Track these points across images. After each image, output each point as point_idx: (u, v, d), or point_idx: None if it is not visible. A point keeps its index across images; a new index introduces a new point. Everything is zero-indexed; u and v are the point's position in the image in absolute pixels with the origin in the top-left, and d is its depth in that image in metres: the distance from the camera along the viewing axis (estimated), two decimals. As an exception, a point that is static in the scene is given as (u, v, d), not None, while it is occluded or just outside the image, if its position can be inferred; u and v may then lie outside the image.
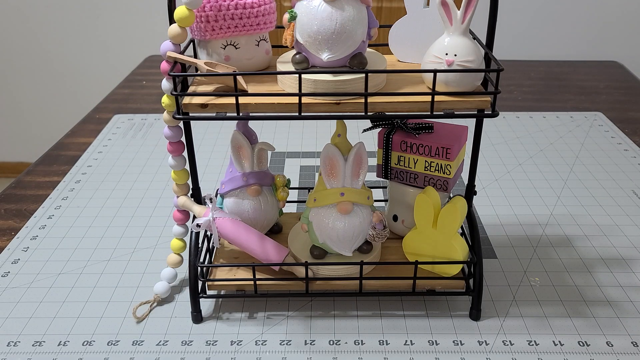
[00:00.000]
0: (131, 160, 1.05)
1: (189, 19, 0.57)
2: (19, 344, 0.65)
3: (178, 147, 0.66)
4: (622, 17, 1.85)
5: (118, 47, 2.10)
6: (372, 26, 0.59)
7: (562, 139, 1.11)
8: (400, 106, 0.58)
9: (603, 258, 0.78)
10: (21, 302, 0.71)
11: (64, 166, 1.03)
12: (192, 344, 0.65)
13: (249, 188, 0.68)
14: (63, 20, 2.07)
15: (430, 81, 0.57)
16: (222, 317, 0.69)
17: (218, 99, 0.59)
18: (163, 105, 0.62)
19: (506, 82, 1.37)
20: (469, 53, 0.56)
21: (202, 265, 0.67)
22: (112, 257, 0.79)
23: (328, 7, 0.55)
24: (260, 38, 0.64)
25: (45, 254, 0.80)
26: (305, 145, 1.10)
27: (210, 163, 1.04)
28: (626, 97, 1.32)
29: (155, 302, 0.71)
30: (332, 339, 0.65)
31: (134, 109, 1.27)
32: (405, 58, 0.68)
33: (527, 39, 1.88)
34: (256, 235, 0.66)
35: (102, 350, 0.64)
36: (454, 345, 0.64)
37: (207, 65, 0.59)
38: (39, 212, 0.90)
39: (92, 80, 2.16)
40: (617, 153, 1.06)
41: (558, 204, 0.91)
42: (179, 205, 0.68)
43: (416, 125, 0.68)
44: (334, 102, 0.58)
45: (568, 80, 1.42)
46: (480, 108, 0.60)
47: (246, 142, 0.68)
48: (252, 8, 0.61)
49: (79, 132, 1.17)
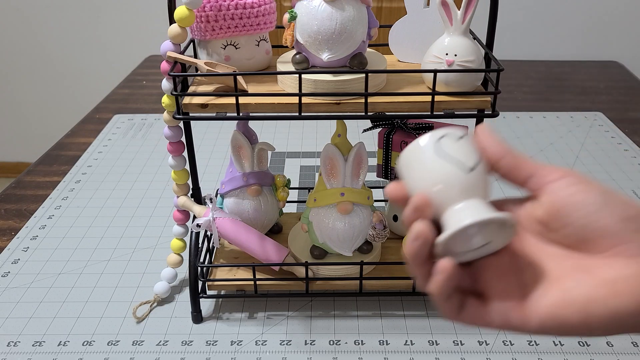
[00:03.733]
0: (131, 160, 1.05)
1: (189, 18, 0.57)
2: (19, 344, 0.65)
3: (178, 147, 0.66)
4: (622, 17, 1.85)
5: (118, 47, 2.10)
6: (372, 26, 0.59)
7: (562, 139, 1.11)
8: (400, 106, 0.58)
9: (603, 258, 0.78)
10: (21, 302, 0.71)
11: (64, 166, 1.03)
12: (192, 344, 0.65)
13: (249, 188, 0.68)
14: (63, 20, 2.07)
15: (430, 81, 0.57)
16: (222, 317, 0.69)
17: (218, 99, 0.59)
18: (163, 105, 0.62)
19: (506, 82, 1.37)
20: (469, 53, 0.56)
21: (202, 265, 0.67)
22: (112, 257, 0.79)
23: (328, 7, 0.55)
24: (261, 38, 0.64)
25: (46, 254, 0.80)
26: (305, 145, 1.10)
27: (210, 163, 1.04)
28: (626, 97, 1.32)
29: (155, 302, 0.71)
30: (332, 339, 0.65)
31: (134, 109, 1.27)
32: (406, 58, 0.68)
33: (527, 39, 1.88)
34: (256, 235, 0.66)
35: (102, 350, 0.64)
36: (454, 346, 0.64)
37: (207, 65, 0.59)
38: (39, 212, 0.90)
39: (92, 80, 2.16)
40: (617, 153, 1.06)
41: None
42: (179, 205, 0.68)
43: (416, 125, 0.68)
44: (334, 102, 0.58)
45: (568, 80, 1.42)
46: (480, 108, 0.60)
47: (246, 142, 0.68)
48: (252, 8, 0.61)
49: (79, 132, 1.17)
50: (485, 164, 0.37)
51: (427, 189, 0.36)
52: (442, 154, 0.36)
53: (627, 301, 0.32)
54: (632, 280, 0.33)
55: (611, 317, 0.32)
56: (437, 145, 0.36)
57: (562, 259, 0.35)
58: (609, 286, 0.33)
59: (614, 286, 0.33)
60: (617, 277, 0.33)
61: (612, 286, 0.33)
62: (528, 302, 0.34)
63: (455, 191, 0.35)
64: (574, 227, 0.35)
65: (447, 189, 0.35)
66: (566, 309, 0.33)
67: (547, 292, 0.34)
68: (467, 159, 0.36)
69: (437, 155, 0.36)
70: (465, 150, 0.36)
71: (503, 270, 0.36)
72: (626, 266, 0.33)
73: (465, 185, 0.35)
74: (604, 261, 0.34)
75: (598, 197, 0.34)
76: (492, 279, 0.36)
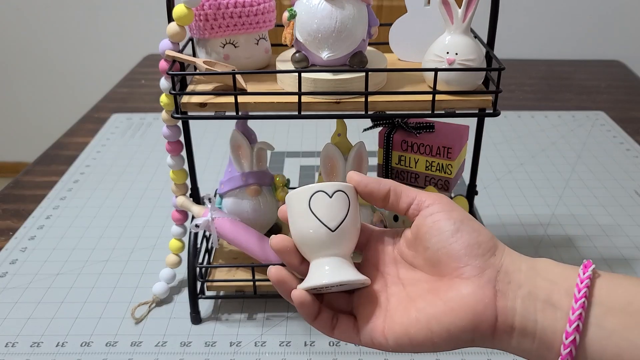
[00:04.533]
0: (130, 160, 1.05)
1: (188, 17, 0.56)
2: (17, 344, 0.65)
3: (177, 147, 0.65)
4: (624, 16, 1.85)
5: (116, 46, 2.09)
6: (372, 24, 0.59)
7: (564, 139, 1.11)
8: (401, 105, 0.58)
9: (605, 258, 0.78)
10: (19, 302, 0.71)
11: (62, 166, 1.03)
12: (191, 345, 0.65)
13: (248, 188, 0.68)
14: (61, 19, 2.07)
15: (431, 80, 0.57)
16: (221, 318, 0.68)
17: (217, 98, 0.58)
18: (162, 104, 0.61)
19: (507, 81, 1.36)
20: (470, 52, 0.56)
21: (201, 265, 0.67)
22: (110, 257, 0.79)
23: (328, 5, 0.55)
24: (260, 37, 0.63)
25: (44, 255, 0.79)
26: (305, 145, 1.10)
27: (209, 163, 1.03)
28: (628, 96, 1.31)
29: (154, 302, 0.70)
30: (332, 340, 0.65)
31: (133, 108, 1.26)
32: (406, 57, 0.67)
33: (529, 38, 1.88)
34: (255, 236, 0.66)
35: (100, 351, 0.64)
36: (455, 347, 0.64)
37: (206, 64, 0.59)
38: (37, 212, 0.89)
39: (91, 79, 2.15)
40: (619, 152, 1.06)
41: (560, 204, 0.90)
42: (177, 205, 0.68)
43: (417, 124, 0.68)
44: (334, 101, 0.57)
45: (570, 80, 1.41)
46: (481, 107, 0.59)
47: (245, 142, 0.68)
48: (251, 6, 0.61)
49: (77, 131, 1.16)
50: (353, 216, 0.40)
51: (298, 237, 0.41)
52: (312, 210, 0.40)
53: (459, 318, 0.36)
54: (466, 299, 0.36)
55: (447, 333, 0.37)
56: (310, 202, 0.40)
57: (422, 282, 0.40)
58: (446, 305, 0.37)
59: (449, 305, 0.37)
60: (453, 297, 0.37)
61: (448, 305, 0.37)
62: (388, 324, 0.39)
63: (317, 246, 0.40)
64: (432, 250, 0.39)
65: (313, 242, 0.40)
66: (414, 327, 0.38)
67: (406, 314, 0.38)
68: (332, 219, 0.40)
69: (308, 210, 0.40)
70: (334, 209, 0.40)
71: (371, 298, 0.41)
72: (464, 286, 0.37)
73: (327, 243, 0.40)
74: (450, 282, 0.38)
75: (453, 225, 0.39)
76: (361, 305, 0.41)
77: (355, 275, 0.40)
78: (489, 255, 0.38)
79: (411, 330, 0.38)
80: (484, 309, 0.36)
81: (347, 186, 0.41)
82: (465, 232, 0.38)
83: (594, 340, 0.34)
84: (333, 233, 0.40)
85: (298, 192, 0.41)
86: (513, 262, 0.38)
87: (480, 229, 0.39)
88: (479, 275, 0.37)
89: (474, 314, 0.36)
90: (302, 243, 0.41)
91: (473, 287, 0.37)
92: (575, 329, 0.34)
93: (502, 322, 0.37)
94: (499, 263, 0.38)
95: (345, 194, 0.41)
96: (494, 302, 0.37)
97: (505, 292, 0.37)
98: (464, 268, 0.37)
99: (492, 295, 0.37)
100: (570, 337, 0.34)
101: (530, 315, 0.36)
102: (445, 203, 0.40)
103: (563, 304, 0.35)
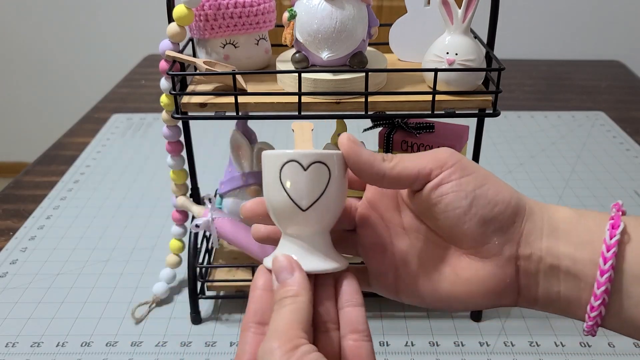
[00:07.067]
0: (130, 160, 1.05)
1: (188, 17, 0.56)
2: (17, 344, 0.65)
3: (177, 147, 0.65)
4: (624, 16, 1.85)
5: (117, 46, 2.09)
6: (372, 25, 0.59)
7: (564, 139, 1.11)
8: (401, 105, 0.58)
9: (605, 258, 0.78)
10: (19, 302, 0.71)
11: (62, 166, 1.03)
12: (191, 345, 0.65)
13: (248, 188, 0.68)
14: (61, 19, 2.07)
15: (431, 80, 0.57)
16: (221, 318, 0.68)
17: (217, 98, 0.58)
18: (162, 104, 0.61)
19: (507, 81, 1.36)
20: (470, 52, 0.56)
21: (201, 265, 0.67)
22: (110, 257, 0.79)
23: (328, 5, 0.55)
24: (260, 37, 0.63)
25: (44, 255, 0.79)
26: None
27: (209, 163, 1.03)
28: (628, 96, 1.31)
29: (154, 303, 0.70)
30: (332, 340, 0.65)
31: (133, 108, 1.26)
32: (406, 57, 0.67)
33: (529, 38, 1.88)
34: (256, 236, 0.66)
35: (100, 351, 0.64)
36: (455, 347, 0.64)
37: (206, 65, 0.59)
38: (37, 212, 0.89)
39: (91, 79, 2.16)
40: (619, 153, 1.05)
41: (560, 204, 0.90)
42: (177, 205, 0.68)
43: (417, 124, 0.68)
44: (334, 102, 0.57)
45: (570, 80, 1.41)
46: (481, 107, 0.59)
47: (245, 142, 0.68)
48: (251, 7, 0.61)
49: (77, 131, 1.16)
50: (333, 193, 0.35)
51: (268, 205, 0.36)
52: (282, 182, 0.34)
53: (480, 298, 0.36)
54: (487, 283, 0.35)
55: (465, 307, 0.37)
56: (281, 172, 0.34)
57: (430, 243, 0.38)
58: (465, 287, 0.36)
59: (468, 287, 0.36)
60: (471, 279, 0.36)
61: (467, 287, 0.36)
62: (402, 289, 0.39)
63: (286, 222, 0.35)
64: (442, 225, 0.36)
65: (281, 217, 0.35)
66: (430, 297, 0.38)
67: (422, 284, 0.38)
68: (304, 196, 0.34)
69: (277, 181, 0.34)
70: (307, 184, 0.34)
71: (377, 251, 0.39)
72: (482, 268, 0.35)
73: (296, 221, 0.35)
74: (468, 260, 0.36)
75: (465, 200, 0.34)
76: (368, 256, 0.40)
77: (325, 264, 0.34)
78: (507, 225, 0.35)
79: (427, 299, 0.37)
80: (504, 288, 0.35)
81: (329, 155, 0.34)
82: (479, 206, 0.34)
83: (622, 308, 0.33)
84: (304, 212, 0.34)
85: (269, 157, 0.35)
86: (535, 227, 0.35)
87: (498, 195, 0.35)
88: (498, 254, 0.35)
89: (495, 294, 0.35)
90: (272, 213, 0.36)
91: (493, 269, 0.35)
92: (600, 303, 0.33)
93: (525, 295, 0.36)
94: (519, 232, 0.35)
95: (325, 165, 0.34)
96: (515, 280, 0.35)
97: (526, 268, 0.35)
98: (482, 248, 0.35)
99: (513, 274, 0.35)
100: (595, 311, 0.33)
101: (554, 287, 0.35)
102: (453, 169, 0.35)
103: (587, 275, 0.34)
